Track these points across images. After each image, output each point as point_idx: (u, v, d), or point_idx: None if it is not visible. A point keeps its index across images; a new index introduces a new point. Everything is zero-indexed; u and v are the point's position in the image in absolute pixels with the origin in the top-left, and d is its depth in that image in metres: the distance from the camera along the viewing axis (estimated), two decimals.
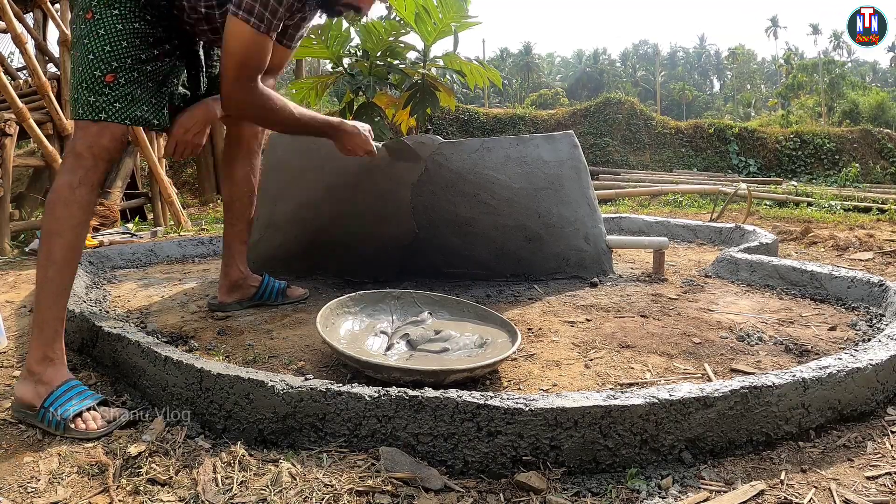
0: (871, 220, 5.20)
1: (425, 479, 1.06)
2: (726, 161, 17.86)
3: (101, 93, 1.59)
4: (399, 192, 2.41)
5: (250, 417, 1.24)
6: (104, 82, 1.60)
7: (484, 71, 3.70)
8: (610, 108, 18.59)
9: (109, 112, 1.58)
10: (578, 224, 2.51)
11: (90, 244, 3.71)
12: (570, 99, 45.38)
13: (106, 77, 1.60)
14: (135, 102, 1.62)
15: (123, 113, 1.60)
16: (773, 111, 36.78)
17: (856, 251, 3.35)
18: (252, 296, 2.17)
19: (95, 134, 1.56)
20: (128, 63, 1.62)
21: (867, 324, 1.86)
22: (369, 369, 1.44)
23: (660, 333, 1.78)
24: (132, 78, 1.62)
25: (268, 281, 2.20)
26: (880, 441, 1.21)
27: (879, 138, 18.19)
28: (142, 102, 1.64)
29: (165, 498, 1.05)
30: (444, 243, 2.42)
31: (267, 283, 2.20)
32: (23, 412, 1.39)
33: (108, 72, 1.60)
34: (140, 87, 1.64)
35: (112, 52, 1.60)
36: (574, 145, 2.61)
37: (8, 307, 2.36)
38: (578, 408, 1.10)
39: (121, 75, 1.61)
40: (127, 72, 1.62)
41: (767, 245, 2.96)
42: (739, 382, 1.19)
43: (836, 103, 28.99)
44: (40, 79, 4.75)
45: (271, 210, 2.60)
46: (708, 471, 1.11)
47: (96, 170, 1.56)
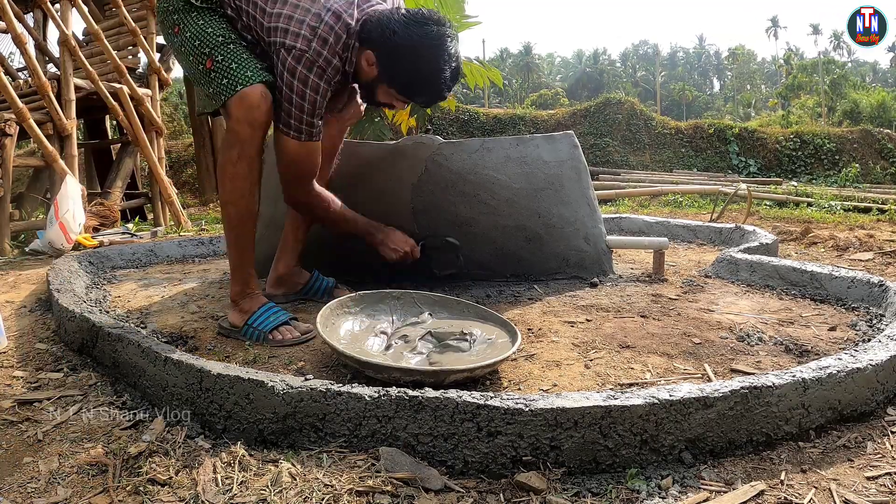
0: (871, 220, 5.20)
1: (425, 480, 1.06)
2: (726, 161, 17.87)
3: (211, 80, 1.75)
4: (399, 192, 2.40)
5: (250, 417, 1.24)
6: (206, 70, 1.76)
7: (484, 71, 3.70)
8: (610, 109, 18.60)
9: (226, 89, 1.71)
10: (578, 224, 2.51)
11: (90, 244, 3.71)
12: (570, 99, 45.38)
13: (206, 64, 1.76)
14: (245, 65, 1.74)
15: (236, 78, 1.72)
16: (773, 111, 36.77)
17: (856, 251, 3.35)
18: (298, 291, 2.20)
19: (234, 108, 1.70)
20: (219, 41, 1.77)
21: (867, 324, 1.86)
22: (369, 369, 1.44)
23: (660, 334, 1.78)
24: (229, 51, 1.76)
25: (316, 277, 2.21)
26: (880, 441, 1.21)
27: (879, 138, 18.20)
28: (252, 62, 1.75)
29: (165, 498, 1.05)
30: None
31: (315, 279, 2.20)
32: (231, 331, 1.81)
33: (206, 59, 1.76)
34: (243, 52, 1.77)
35: (202, 44, 1.77)
36: (574, 145, 2.61)
37: (8, 307, 2.36)
38: (578, 408, 1.10)
39: (216, 54, 1.75)
40: (221, 47, 1.76)
41: (767, 245, 2.96)
42: (739, 383, 1.19)
43: (837, 103, 28.98)
44: (40, 79, 4.75)
45: (272, 209, 2.60)
46: (708, 471, 1.11)
47: (252, 141, 1.72)
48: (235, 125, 1.71)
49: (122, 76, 5.66)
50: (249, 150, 1.72)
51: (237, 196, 1.76)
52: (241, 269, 1.84)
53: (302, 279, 2.20)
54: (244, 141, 1.71)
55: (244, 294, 1.83)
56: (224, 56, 1.74)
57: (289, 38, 1.70)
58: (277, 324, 1.76)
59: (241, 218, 1.79)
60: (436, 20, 1.79)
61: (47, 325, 2.09)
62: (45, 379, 1.63)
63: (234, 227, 1.80)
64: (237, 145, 1.71)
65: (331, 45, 1.71)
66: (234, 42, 1.77)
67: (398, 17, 1.77)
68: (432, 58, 1.76)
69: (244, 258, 1.84)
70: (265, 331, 1.74)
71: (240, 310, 1.81)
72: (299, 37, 1.69)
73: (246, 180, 1.74)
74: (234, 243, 1.83)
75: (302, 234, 2.19)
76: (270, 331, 1.74)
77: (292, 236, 2.18)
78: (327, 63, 1.71)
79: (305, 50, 1.69)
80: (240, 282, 1.83)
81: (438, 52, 1.76)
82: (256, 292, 1.84)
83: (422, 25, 1.76)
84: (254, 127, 1.71)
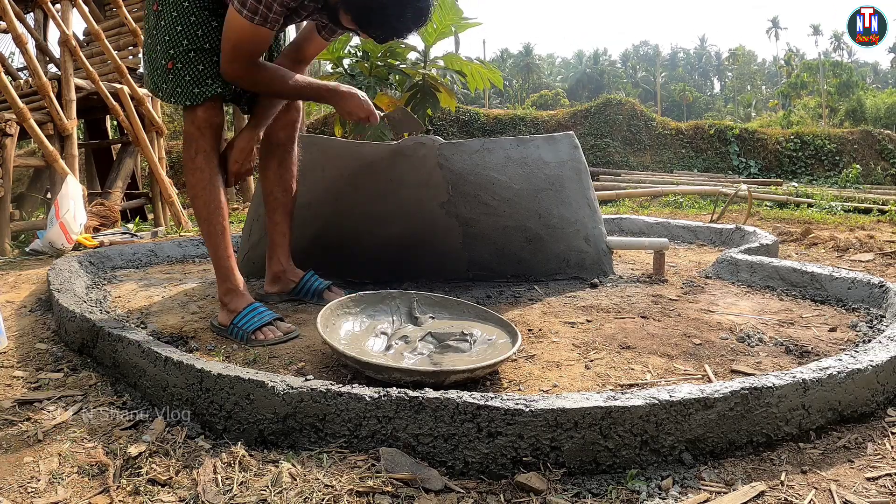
0: (872, 221, 5.20)
1: (425, 480, 1.06)
2: (727, 162, 17.87)
3: (168, 80, 1.81)
4: (399, 193, 2.41)
5: (250, 418, 1.24)
6: (166, 69, 1.82)
7: (485, 71, 3.70)
8: (610, 109, 18.60)
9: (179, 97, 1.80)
10: (579, 225, 2.51)
11: (90, 244, 3.71)
12: (571, 100, 45.39)
13: (168, 65, 1.81)
14: (198, 79, 1.80)
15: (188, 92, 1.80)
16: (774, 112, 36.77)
17: (856, 252, 3.35)
18: (291, 290, 2.19)
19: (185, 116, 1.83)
20: (184, 44, 1.80)
21: (867, 325, 1.86)
22: (369, 370, 1.44)
23: (660, 334, 1.78)
24: (189, 60, 1.80)
25: (308, 278, 2.19)
26: (880, 442, 1.21)
27: (880, 139, 18.20)
28: (205, 75, 1.81)
29: (165, 498, 1.05)
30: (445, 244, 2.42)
31: (307, 280, 2.18)
32: (220, 330, 1.84)
33: (168, 59, 1.81)
34: (201, 62, 1.81)
35: (170, 42, 1.81)
36: (574, 146, 2.61)
37: (8, 307, 2.36)
38: (579, 409, 1.10)
39: (178, 60, 1.80)
40: (183, 55, 1.80)
41: (768, 246, 2.96)
42: (740, 383, 1.19)
43: (841, 104, 28.96)
44: (41, 79, 4.75)
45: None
46: (708, 472, 1.11)
47: (203, 138, 1.83)
48: (188, 127, 1.85)
49: (123, 76, 5.66)
50: (203, 144, 1.84)
51: (200, 187, 1.83)
52: (221, 265, 1.88)
53: (295, 277, 2.20)
54: (197, 139, 1.84)
55: (229, 292, 1.86)
56: (184, 64, 1.81)
57: None
58: (261, 324, 1.78)
59: (209, 208, 1.84)
60: None
61: (47, 325, 2.09)
62: (46, 379, 1.63)
63: (204, 219, 1.86)
64: (192, 143, 1.84)
65: None
66: (197, 50, 1.81)
67: None
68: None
69: (220, 251, 1.87)
70: (248, 331, 1.77)
71: (227, 309, 1.85)
72: None
73: (205, 171, 1.83)
74: (208, 237, 1.88)
75: (286, 230, 2.18)
76: (253, 331, 1.76)
77: (278, 233, 2.18)
78: None
79: None
80: (222, 279, 1.88)
81: None
82: (241, 290, 1.87)
83: None
84: (202, 129, 1.84)
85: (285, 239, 2.19)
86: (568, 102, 38.97)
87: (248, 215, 2.81)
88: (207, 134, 1.84)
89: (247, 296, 1.87)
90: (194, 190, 1.85)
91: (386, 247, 2.44)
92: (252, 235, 2.69)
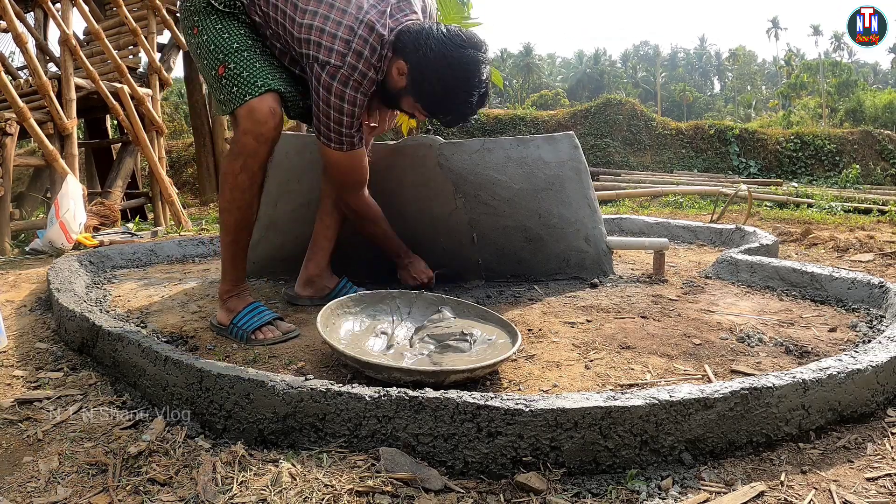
0: (872, 221, 5.20)
1: (425, 480, 1.06)
2: (727, 162, 17.87)
3: (222, 87, 1.74)
4: (399, 193, 2.40)
5: (250, 417, 1.24)
6: (219, 76, 1.74)
7: None
8: (610, 109, 18.60)
9: (236, 98, 1.71)
10: (579, 225, 2.51)
11: (90, 244, 3.71)
12: (571, 100, 45.40)
13: (219, 71, 1.74)
14: (256, 75, 1.73)
15: (245, 89, 1.70)
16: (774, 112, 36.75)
17: (856, 252, 3.35)
18: (325, 296, 2.11)
19: (242, 119, 1.69)
20: (233, 47, 1.75)
21: (867, 325, 1.86)
22: (369, 369, 1.44)
23: (660, 334, 1.78)
24: (242, 59, 1.74)
25: (344, 284, 2.15)
26: (880, 442, 1.21)
27: (880, 140, 18.20)
28: (264, 72, 1.74)
29: (165, 498, 1.05)
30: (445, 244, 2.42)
31: (342, 287, 2.14)
32: (219, 329, 1.84)
33: (219, 65, 1.75)
34: (256, 61, 1.75)
35: (217, 49, 1.75)
36: (574, 146, 2.61)
37: (8, 307, 2.36)
38: (579, 409, 1.10)
39: (230, 61, 1.73)
40: (235, 55, 1.74)
41: (768, 246, 2.96)
42: (739, 383, 1.19)
43: (840, 104, 28.95)
44: (41, 78, 4.75)
45: (272, 211, 2.60)
46: (708, 472, 1.11)
47: (257, 156, 1.72)
48: (242, 136, 1.70)
49: (123, 76, 5.66)
50: (253, 163, 1.71)
51: (235, 206, 1.78)
52: (233, 271, 1.87)
53: (331, 283, 2.15)
54: (249, 153, 1.70)
55: (232, 293, 1.85)
56: (237, 64, 1.72)
57: (322, 52, 1.68)
58: (261, 323, 1.77)
59: (238, 226, 1.82)
60: (474, 44, 1.76)
61: (47, 325, 2.09)
62: (45, 378, 1.63)
63: (230, 232, 1.83)
64: (241, 157, 1.70)
65: (366, 59, 1.70)
66: (250, 49, 1.75)
67: (437, 34, 1.74)
68: (464, 80, 1.73)
69: (237, 261, 1.86)
70: (248, 330, 1.76)
71: (227, 308, 1.84)
72: (333, 52, 1.67)
73: (246, 192, 1.76)
74: (228, 247, 1.86)
75: (333, 234, 2.15)
76: (253, 331, 1.76)
77: (323, 236, 2.15)
78: (363, 76, 1.71)
79: (340, 66, 1.67)
80: (229, 281, 1.86)
81: (471, 76, 1.74)
82: (244, 292, 1.87)
83: (459, 47, 1.73)
84: (259, 141, 1.69)
85: (330, 244, 2.15)
86: (568, 102, 38.98)
87: None
88: (264, 149, 1.71)
89: (248, 297, 1.88)
90: (229, 205, 1.78)
91: None
92: (252, 235, 2.68)
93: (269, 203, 2.61)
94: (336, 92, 1.69)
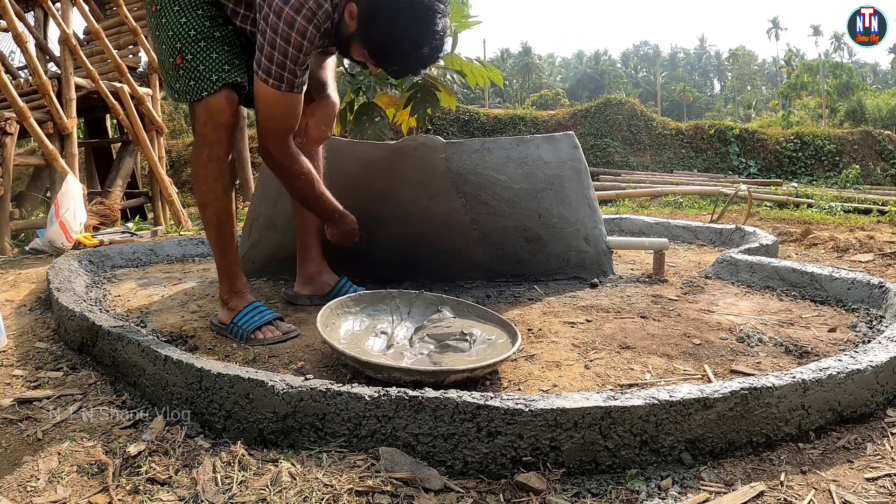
0: (872, 221, 5.20)
1: (425, 480, 1.06)
2: (727, 162, 17.88)
3: (179, 77, 1.72)
4: (399, 192, 2.41)
5: (250, 417, 1.24)
6: (176, 66, 1.72)
7: (485, 71, 3.70)
8: (610, 109, 18.61)
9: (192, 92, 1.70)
10: (579, 225, 2.51)
11: (90, 243, 3.71)
12: (571, 100, 45.37)
13: (177, 60, 1.71)
14: (212, 68, 1.70)
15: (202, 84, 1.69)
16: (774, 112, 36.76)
17: (856, 253, 3.35)
18: (325, 294, 2.10)
19: (199, 112, 1.70)
20: (191, 35, 1.71)
21: (867, 325, 1.86)
22: (369, 369, 1.44)
23: (660, 334, 1.78)
24: (199, 49, 1.71)
25: (343, 283, 2.14)
26: (880, 443, 1.21)
27: (880, 140, 18.20)
28: (220, 63, 1.72)
29: (165, 497, 1.05)
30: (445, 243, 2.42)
31: (342, 285, 2.13)
32: (220, 329, 1.84)
33: (177, 54, 1.72)
34: (213, 51, 1.72)
35: (175, 36, 1.72)
36: (574, 146, 2.61)
37: (8, 306, 2.36)
38: (578, 409, 1.10)
39: (187, 52, 1.70)
40: (192, 45, 1.71)
41: (768, 246, 2.96)
42: (739, 384, 1.19)
43: (839, 104, 28.94)
44: (41, 78, 4.75)
45: (271, 211, 2.60)
46: (708, 472, 1.11)
47: (220, 143, 1.72)
48: (202, 128, 1.73)
49: (123, 75, 5.66)
50: (217, 151, 1.74)
51: (211, 197, 1.78)
52: (227, 269, 1.87)
53: (331, 280, 2.15)
54: (211, 143, 1.73)
55: (232, 292, 1.86)
56: (194, 56, 1.71)
57: None
58: (261, 323, 1.78)
59: (219, 217, 1.81)
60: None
61: (47, 324, 2.09)
62: (45, 378, 1.63)
63: (212, 226, 1.83)
64: (205, 147, 1.73)
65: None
66: (207, 38, 1.72)
67: None
68: (414, 29, 1.63)
69: (227, 257, 1.87)
70: (248, 330, 1.77)
71: (228, 308, 1.85)
72: None
73: (217, 181, 1.76)
74: (215, 243, 1.86)
75: (316, 230, 2.13)
76: (253, 330, 1.77)
77: (308, 232, 2.14)
78: (318, 6, 1.59)
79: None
80: (226, 280, 1.87)
81: (422, 24, 1.63)
82: (244, 291, 1.88)
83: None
84: (219, 129, 1.72)
85: (317, 240, 2.14)
86: (568, 102, 38.96)
87: (248, 215, 2.81)
88: (223, 137, 1.73)
89: (248, 296, 1.88)
90: (204, 198, 1.79)
91: (385, 246, 2.44)
92: (252, 235, 2.69)
93: (269, 203, 2.61)
94: (286, 18, 1.58)
